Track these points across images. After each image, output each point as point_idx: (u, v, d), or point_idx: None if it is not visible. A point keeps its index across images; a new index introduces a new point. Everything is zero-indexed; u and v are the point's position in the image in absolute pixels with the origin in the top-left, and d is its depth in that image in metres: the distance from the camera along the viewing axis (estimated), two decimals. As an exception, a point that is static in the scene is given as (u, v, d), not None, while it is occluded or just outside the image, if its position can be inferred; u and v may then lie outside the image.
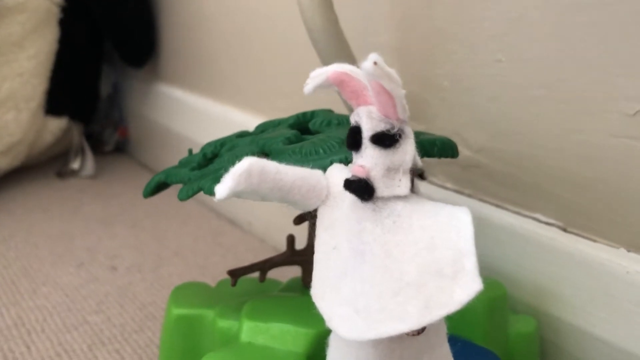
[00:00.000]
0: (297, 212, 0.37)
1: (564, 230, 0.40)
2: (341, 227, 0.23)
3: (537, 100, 0.40)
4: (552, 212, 0.41)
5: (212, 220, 0.71)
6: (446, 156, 0.33)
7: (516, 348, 0.37)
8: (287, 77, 0.63)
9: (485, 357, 0.31)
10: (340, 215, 0.24)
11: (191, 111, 0.80)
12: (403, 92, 0.21)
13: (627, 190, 0.36)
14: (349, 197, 0.23)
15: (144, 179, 0.86)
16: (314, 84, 0.22)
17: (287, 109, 0.64)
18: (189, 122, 0.81)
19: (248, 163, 0.22)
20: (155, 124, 0.88)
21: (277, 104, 0.65)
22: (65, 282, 0.56)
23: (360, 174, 0.22)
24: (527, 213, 0.42)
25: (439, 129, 0.47)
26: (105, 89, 0.94)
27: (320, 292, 0.24)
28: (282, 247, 0.63)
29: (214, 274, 0.58)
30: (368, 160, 0.22)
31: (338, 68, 0.22)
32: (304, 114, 0.37)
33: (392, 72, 0.20)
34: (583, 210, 0.39)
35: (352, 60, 0.44)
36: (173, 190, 0.39)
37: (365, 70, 0.20)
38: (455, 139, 0.45)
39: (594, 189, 0.38)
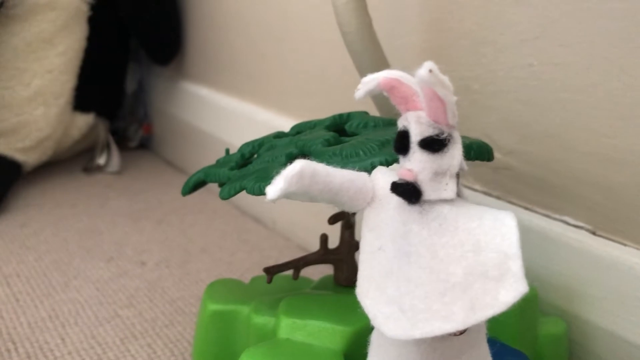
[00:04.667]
0: (326, 212, 0.38)
1: (593, 233, 0.40)
2: (387, 229, 0.24)
3: (568, 104, 0.40)
4: (581, 215, 0.41)
5: (237, 217, 0.72)
6: (482, 159, 0.33)
7: (545, 349, 0.38)
8: (313, 76, 0.63)
9: (519, 359, 0.32)
10: (385, 217, 0.24)
11: (216, 109, 0.81)
12: (454, 98, 0.21)
13: (659, 195, 0.36)
14: (395, 200, 0.24)
15: (168, 175, 0.88)
16: (366, 89, 0.23)
17: (312, 108, 0.64)
18: (213, 119, 0.81)
19: (300, 165, 0.23)
20: (179, 121, 0.89)
21: (303, 103, 0.66)
22: (96, 276, 0.57)
23: (408, 177, 0.23)
24: (556, 216, 0.42)
25: (468, 130, 0.47)
26: (130, 85, 0.96)
27: (365, 291, 0.24)
28: (307, 245, 0.64)
29: (241, 270, 0.59)
30: (416, 164, 0.23)
31: (389, 74, 0.23)
32: (340, 116, 0.38)
33: (446, 79, 0.21)
34: (612, 213, 0.39)
35: (384, 62, 0.44)
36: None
37: (420, 77, 0.20)
38: (484, 141, 0.46)
39: (623, 192, 0.38)
